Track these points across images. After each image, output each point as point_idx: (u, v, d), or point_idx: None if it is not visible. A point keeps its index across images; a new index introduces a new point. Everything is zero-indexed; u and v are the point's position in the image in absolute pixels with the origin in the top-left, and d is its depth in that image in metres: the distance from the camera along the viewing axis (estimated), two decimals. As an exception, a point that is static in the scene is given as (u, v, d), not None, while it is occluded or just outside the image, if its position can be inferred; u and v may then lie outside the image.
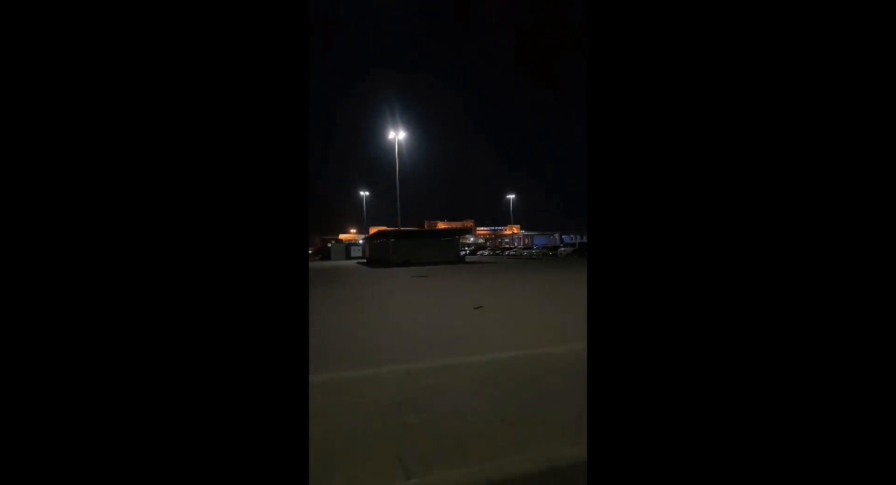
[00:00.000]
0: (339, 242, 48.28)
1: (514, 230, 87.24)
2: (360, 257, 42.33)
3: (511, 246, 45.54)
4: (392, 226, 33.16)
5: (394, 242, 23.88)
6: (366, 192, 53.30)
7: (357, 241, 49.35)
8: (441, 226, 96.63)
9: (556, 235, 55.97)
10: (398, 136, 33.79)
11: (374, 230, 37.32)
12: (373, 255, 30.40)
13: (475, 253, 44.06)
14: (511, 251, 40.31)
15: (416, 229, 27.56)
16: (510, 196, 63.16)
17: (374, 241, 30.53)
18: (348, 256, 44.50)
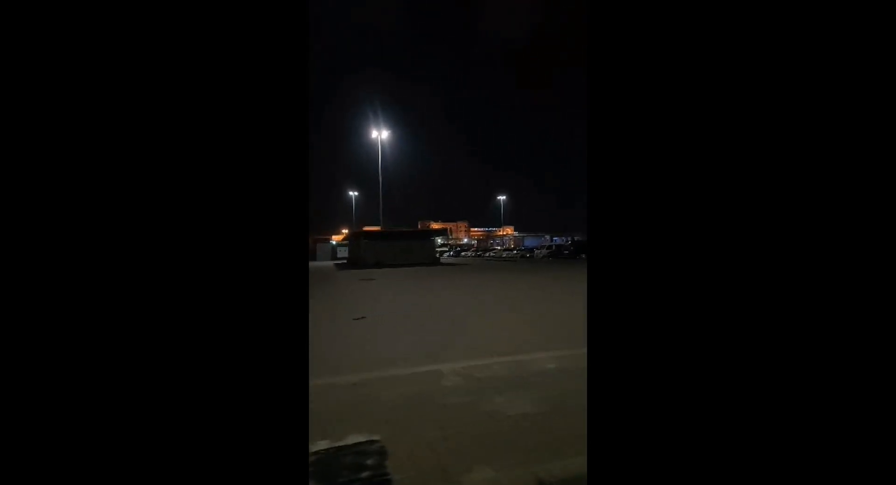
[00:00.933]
0: (326, 243, 47.87)
1: (508, 231, 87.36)
2: (346, 258, 42.01)
3: (492, 248, 45.09)
4: (388, 226, 32.77)
5: (365, 244, 23.41)
6: (355, 192, 52.90)
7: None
8: (434, 226, 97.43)
9: (547, 236, 55.53)
10: (381, 135, 33.38)
11: (346, 232, 36.97)
12: (350, 256, 29.98)
13: (459, 254, 43.45)
14: (491, 253, 39.81)
15: (388, 230, 26.93)
16: (501, 198, 62.59)
17: (351, 242, 30.11)
18: (334, 257, 44.10)
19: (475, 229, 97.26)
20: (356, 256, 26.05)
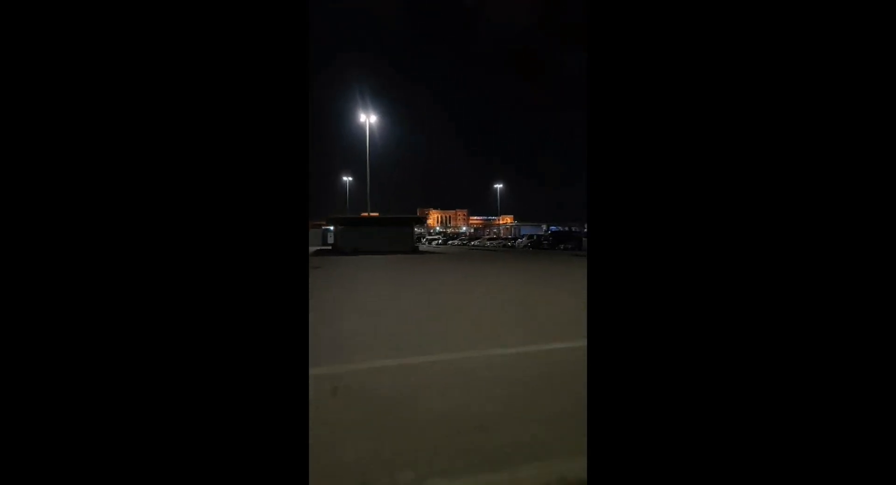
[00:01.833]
0: (317, 229, 47.59)
1: (508, 220, 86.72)
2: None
3: (481, 237, 44.43)
4: (384, 213, 32.19)
5: (341, 230, 22.89)
6: (349, 178, 52.23)
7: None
8: (433, 213, 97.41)
9: (544, 225, 54.73)
10: (369, 119, 32.58)
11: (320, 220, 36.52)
12: (334, 242, 29.59)
13: (447, 242, 42.87)
14: (476, 242, 39.24)
15: (364, 217, 26.26)
16: (498, 186, 61.62)
17: (335, 229, 29.67)
18: (325, 243, 43.79)
19: (474, 218, 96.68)
20: (335, 243, 25.60)
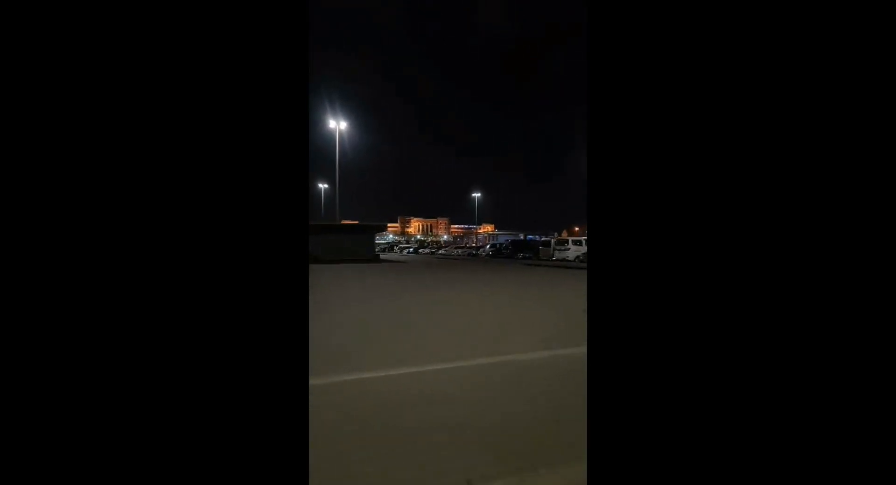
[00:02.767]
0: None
1: (489, 229, 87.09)
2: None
3: (449, 246, 43.94)
4: (363, 221, 31.58)
5: (298, 238, 22.23)
6: (324, 184, 51.59)
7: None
8: (415, 222, 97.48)
9: (521, 234, 54.82)
10: (339, 125, 32.19)
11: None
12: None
13: (417, 251, 42.38)
14: (444, 251, 38.97)
15: (324, 224, 25.58)
16: (476, 195, 61.48)
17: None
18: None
19: (455, 226, 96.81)
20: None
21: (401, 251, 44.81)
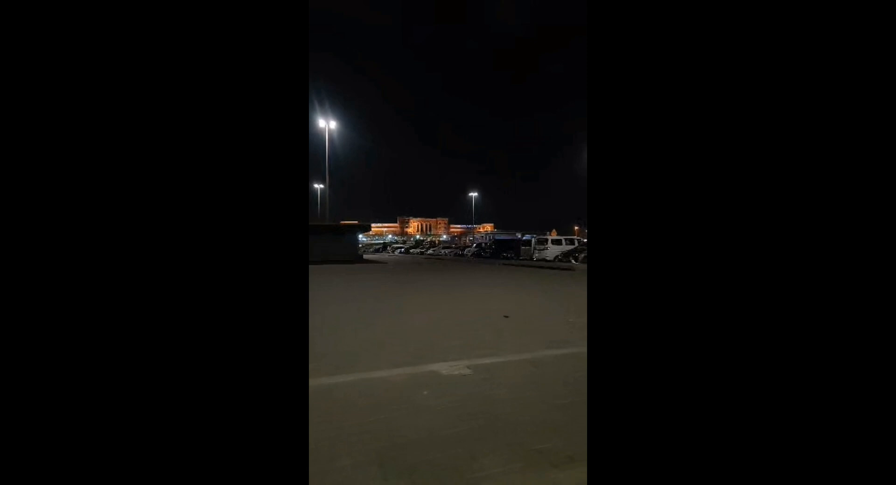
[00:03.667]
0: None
1: (488, 228, 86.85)
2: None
3: (435, 246, 43.46)
4: (362, 221, 31.39)
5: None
6: (320, 185, 51.62)
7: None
8: (414, 222, 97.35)
9: (518, 233, 54.50)
10: (329, 125, 31.99)
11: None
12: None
13: (408, 251, 42.17)
14: (431, 251, 38.89)
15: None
16: (473, 194, 61.14)
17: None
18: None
19: (455, 226, 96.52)
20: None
21: (393, 251, 44.64)
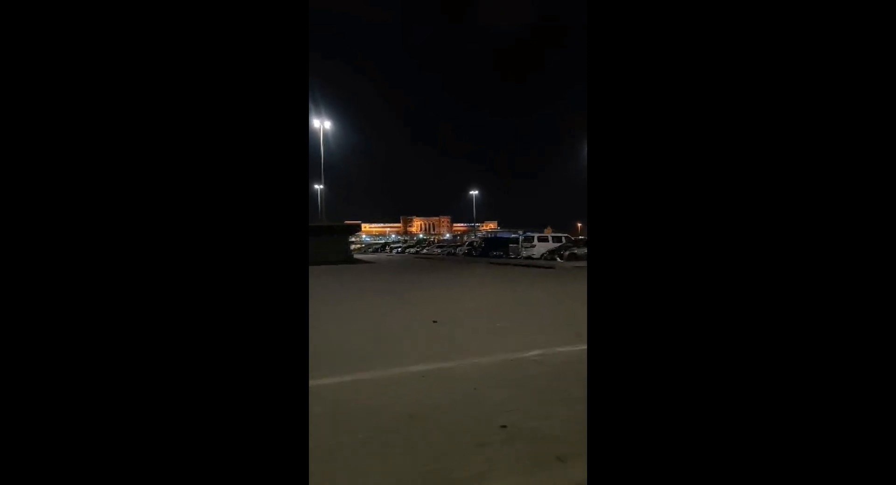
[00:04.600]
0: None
1: (491, 226, 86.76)
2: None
3: (431, 245, 43.27)
4: (366, 221, 31.36)
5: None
6: (320, 185, 51.85)
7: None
8: (417, 221, 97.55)
9: (520, 231, 54.27)
10: (323, 124, 31.97)
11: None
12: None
13: (405, 251, 42.08)
14: (426, 250, 38.72)
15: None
16: (473, 192, 60.91)
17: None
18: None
19: (458, 225, 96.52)
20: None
21: (391, 251, 44.64)
